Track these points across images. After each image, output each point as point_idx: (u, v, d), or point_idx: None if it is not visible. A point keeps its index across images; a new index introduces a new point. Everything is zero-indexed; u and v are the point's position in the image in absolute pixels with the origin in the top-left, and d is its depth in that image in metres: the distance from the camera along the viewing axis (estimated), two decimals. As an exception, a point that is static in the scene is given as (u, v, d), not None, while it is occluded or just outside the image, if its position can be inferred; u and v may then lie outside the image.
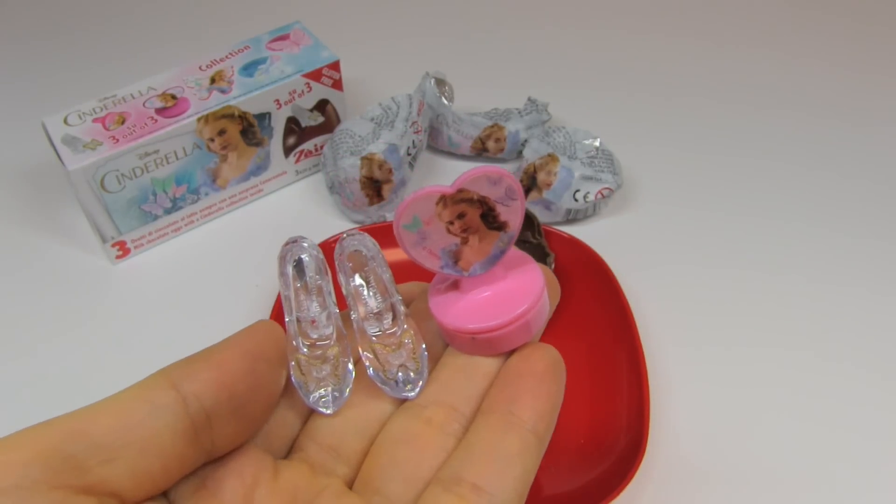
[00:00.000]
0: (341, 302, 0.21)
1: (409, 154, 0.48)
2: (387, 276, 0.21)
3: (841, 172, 0.54)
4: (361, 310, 0.21)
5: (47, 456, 0.15)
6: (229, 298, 0.45)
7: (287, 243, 0.20)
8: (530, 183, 0.49)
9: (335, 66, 0.48)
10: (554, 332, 0.43)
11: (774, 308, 0.45)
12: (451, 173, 0.54)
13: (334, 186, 0.50)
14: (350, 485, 0.20)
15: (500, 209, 0.19)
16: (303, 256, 0.20)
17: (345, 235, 0.21)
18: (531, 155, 0.49)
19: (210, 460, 0.18)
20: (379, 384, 0.20)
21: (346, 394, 0.20)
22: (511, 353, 0.21)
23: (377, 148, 0.46)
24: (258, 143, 0.49)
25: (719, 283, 0.47)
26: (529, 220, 0.45)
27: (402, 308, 0.21)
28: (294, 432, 0.21)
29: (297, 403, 0.21)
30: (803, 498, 0.37)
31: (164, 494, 0.18)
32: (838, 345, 0.43)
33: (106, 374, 0.42)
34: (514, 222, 0.20)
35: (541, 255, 0.44)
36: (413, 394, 0.20)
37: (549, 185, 0.48)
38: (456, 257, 0.20)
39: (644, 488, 0.37)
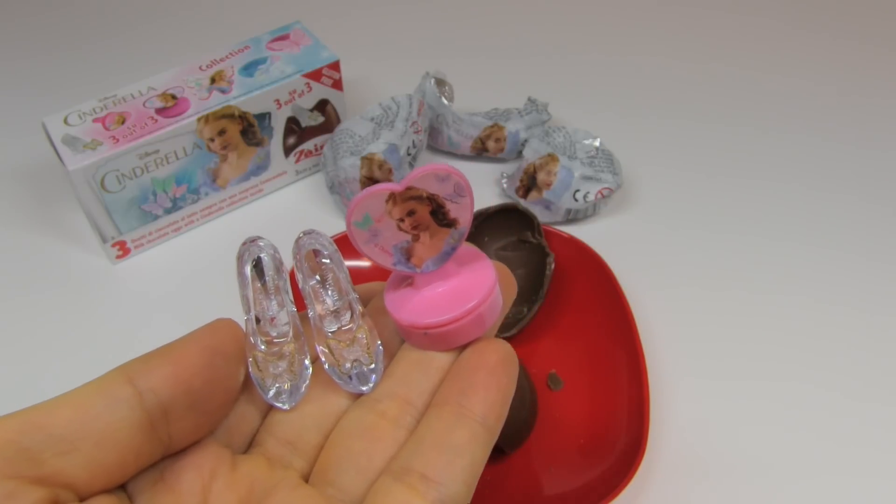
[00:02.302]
0: (300, 299, 0.21)
1: (409, 154, 0.48)
2: (343, 274, 0.21)
3: (840, 170, 0.54)
4: (319, 308, 0.21)
5: (2, 447, 0.16)
6: (229, 298, 0.45)
7: (245, 243, 0.21)
8: (530, 183, 0.49)
9: (335, 66, 0.48)
10: (554, 331, 0.43)
11: (774, 307, 0.45)
12: (451, 173, 0.54)
13: (334, 186, 0.50)
14: (307, 478, 0.20)
15: (449, 206, 0.20)
16: (262, 256, 0.21)
17: (301, 234, 0.21)
18: (531, 155, 0.49)
19: (169, 454, 0.19)
20: (335, 379, 0.21)
21: (303, 389, 0.21)
22: (465, 347, 0.21)
23: (377, 148, 0.46)
24: (258, 143, 0.49)
25: (719, 282, 0.47)
26: (529, 220, 0.45)
27: (358, 306, 0.21)
28: (254, 427, 0.21)
29: (258, 399, 0.21)
30: (802, 496, 0.37)
31: (123, 487, 0.18)
32: (839, 344, 0.43)
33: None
34: (464, 218, 0.20)
35: (541, 255, 0.44)
36: (367, 388, 0.21)
37: (549, 185, 0.48)
38: (408, 254, 0.20)
39: (644, 488, 0.37)
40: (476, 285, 0.20)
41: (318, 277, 0.21)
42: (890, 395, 0.41)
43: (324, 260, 0.21)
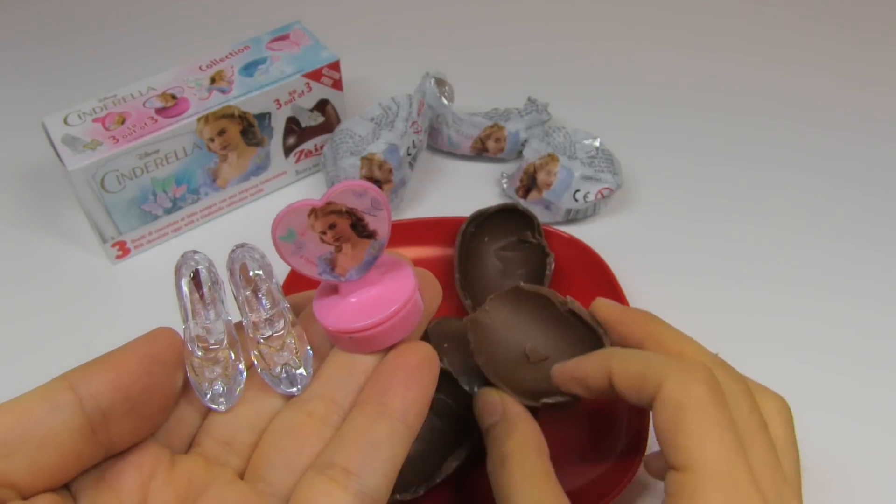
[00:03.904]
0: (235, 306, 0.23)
1: (409, 154, 0.48)
2: (274, 285, 0.22)
3: (841, 173, 0.54)
4: (253, 316, 0.22)
5: None
6: (228, 298, 0.45)
7: (182, 256, 0.22)
8: (530, 183, 0.49)
9: (335, 66, 0.48)
10: (554, 331, 0.43)
11: (774, 307, 0.45)
12: (451, 173, 0.54)
13: (334, 186, 0.50)
14: (242, 475, 0.21)
15: (368, 219, 0.21)
16: (199, 269, 0.22)
17: (235, 248, 0.22)
18: (531, 155, 0.49)
19: (110, 455, 0.20)
20: (267, 382, 0.22)
21: (238, 392, 0.22)
22: (390, 349, 0.22)
23: (377, 148, 0.46)
24: (258, 143, 0.49)
25: (719, 282, 0.47)
26: (529, 220, 0.45)
27: (289, 314, 0.22)
28: (193, 429, 0.22)
29: (196, 402, 0.22)
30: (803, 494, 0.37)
31: (67, 487, 0.19)
32: (837, 344, 0.44)
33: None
34: (383, 230, 0.21)
35: (541, 255, 0.44)
36: (296, 389, 0.22)
37: (549, 185, 0.48)
38: (332, 264, 0.22)
39: (644, 488, 0.37)
40: (397, 292, 0.22)
41: (250, 288, 0.22)
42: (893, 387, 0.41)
43: (256, 271, 0.22)
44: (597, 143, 0.49)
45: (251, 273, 0.22)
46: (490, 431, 0.30)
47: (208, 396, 0.22)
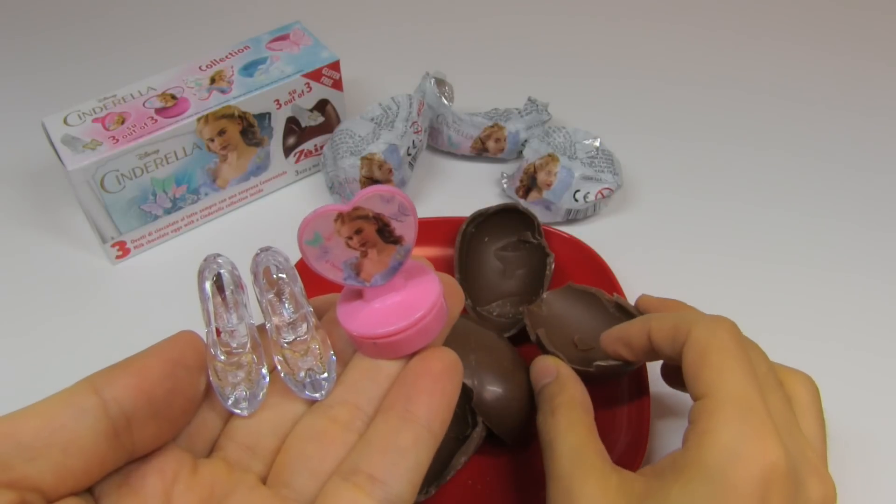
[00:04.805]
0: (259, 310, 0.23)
1: (409, 154, 0.48)
2: (297, 288, 0.22)
3: (843, 168, 0.54)
4: (276, 320, 0.22)
5: None
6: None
7: (205, 259, 0.22)
8: (530, 183, 0.49)
9: (335, 66, 0.48)
10: (554, 332, 0.43)
11: (775, 306, 0.45)
12: (451, 173, 0.54)
13: (334, 186, 0.50)
14: (264, 480, 0.21)
15: (394, 224, 0.21)
16: (221, 272, 0.22)
17: (259, 251, 0.22)
18: (531, 155, 0.49)
19: (133, 459, 0.20)
20: (290, 387, 0.22)
21: (261, 397, 0.22)
22: (413, 355, 0.22)
23: (377, 148, 0.46)
24: (258, 143, 0.49)
25: (719, 282, 0.47)
26: (529, 221, 0.45)
27: (312, 318, 0.22)
28: (215, 433, 0.22)
29: (219, 407, 0.22)
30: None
31: (90, 490, 0.19)
32: (839, 340, 0.43)
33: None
34: (409, 236, 0.21)
35: (541, 255, 0.44)
36: (319, 395, 0.22)
37: (549, 185, 0.48)
38: (357, 269, 0.22)
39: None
40: (422, 298, 0.22)
41: (273, 291, 0.22)
42: None
43: (280, 275, 0.22)
44: (597, 143, 0.49)
45: (274, 276, 0.22)
46: (543, 390, 0.34)
47: (231, 401, 0.21)
